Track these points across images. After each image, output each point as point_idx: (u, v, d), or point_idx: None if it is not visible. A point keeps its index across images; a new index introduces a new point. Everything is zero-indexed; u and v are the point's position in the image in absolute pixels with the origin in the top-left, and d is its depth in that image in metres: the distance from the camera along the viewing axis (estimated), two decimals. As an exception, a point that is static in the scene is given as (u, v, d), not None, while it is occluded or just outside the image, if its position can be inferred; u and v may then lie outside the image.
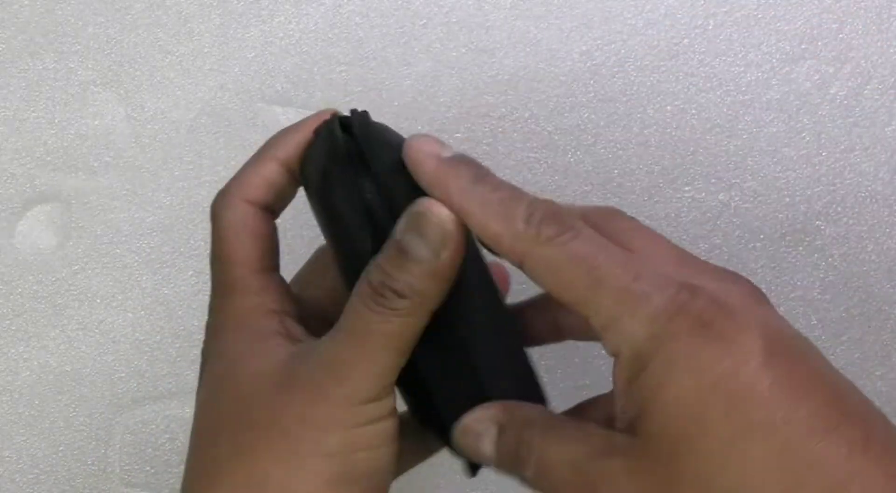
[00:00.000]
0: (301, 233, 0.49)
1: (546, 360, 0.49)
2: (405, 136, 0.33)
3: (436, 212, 0.32)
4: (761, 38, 0.53)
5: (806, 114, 0.53)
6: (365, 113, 0.34)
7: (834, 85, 0.53)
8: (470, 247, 0.33)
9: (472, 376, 0.34)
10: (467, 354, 0.34)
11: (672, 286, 0.30)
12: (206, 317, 0.39)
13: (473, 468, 0.36)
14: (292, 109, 0.53)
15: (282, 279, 0.38)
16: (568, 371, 0.51)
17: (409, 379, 0.34)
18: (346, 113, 0.35)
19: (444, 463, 0.53)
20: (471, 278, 0.33)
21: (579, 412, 0.37)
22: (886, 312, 0.52)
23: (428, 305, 0.33)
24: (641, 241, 0.34)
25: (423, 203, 0.32)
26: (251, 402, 0.34)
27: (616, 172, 0.52)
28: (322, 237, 0.36)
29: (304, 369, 0.34)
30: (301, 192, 0.37)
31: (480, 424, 0.34)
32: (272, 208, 0.38)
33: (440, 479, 0.52)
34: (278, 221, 0.38)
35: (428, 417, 0.36)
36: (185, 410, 0.53)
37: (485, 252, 0.34)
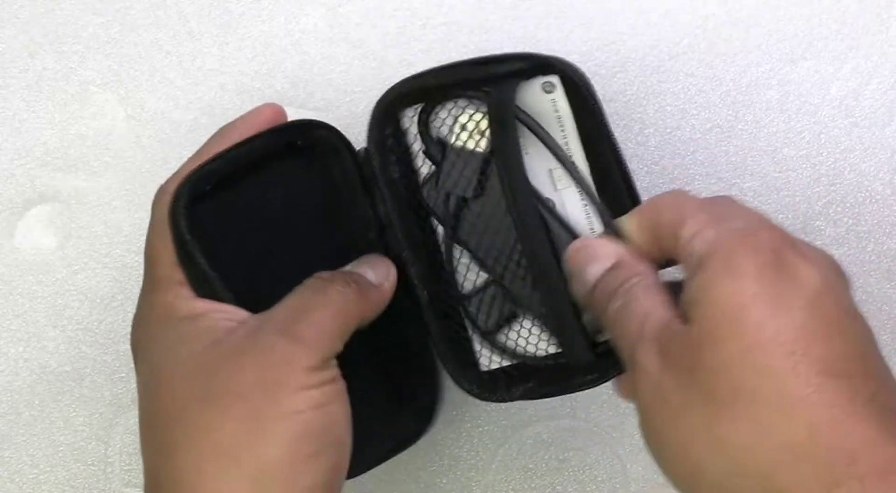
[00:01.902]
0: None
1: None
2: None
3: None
4: (761, 39, 0.53)
5: (806, 114, 0.53)
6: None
7: (834, 85, 0.53)
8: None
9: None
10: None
11: (760, 222, 0.35)
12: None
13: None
14: (292, 109, 0.53)
15: None
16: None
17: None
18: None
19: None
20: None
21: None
22: (886, 312, 0.52)
23: (364, 302, 0.39)
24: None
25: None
26: (201, 376, 0.36)
27: (616, 172, 0.52)
28: None
29: (257, 337, 0.36)
30: None
31: (604, 249, 0.39)
32: None
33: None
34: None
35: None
36: (185, 410, 0.52)
37: None
